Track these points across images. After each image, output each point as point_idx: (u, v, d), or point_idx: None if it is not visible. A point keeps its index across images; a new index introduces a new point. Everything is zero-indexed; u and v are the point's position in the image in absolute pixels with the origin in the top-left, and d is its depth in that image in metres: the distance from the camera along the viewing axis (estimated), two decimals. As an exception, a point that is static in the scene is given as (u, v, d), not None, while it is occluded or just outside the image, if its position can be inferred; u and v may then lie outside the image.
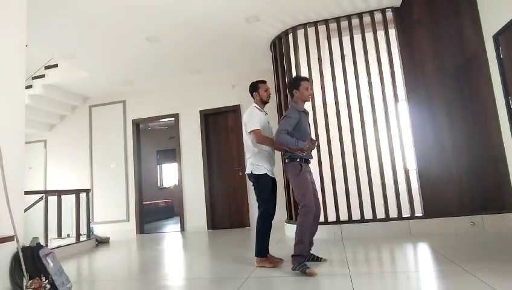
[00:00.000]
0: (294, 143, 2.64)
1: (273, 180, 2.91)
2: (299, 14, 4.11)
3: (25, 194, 2.46)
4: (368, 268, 2.52)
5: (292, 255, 2.55)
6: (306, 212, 2.59)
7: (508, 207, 3.58)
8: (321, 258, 2.79)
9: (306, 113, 2.88)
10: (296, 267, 2.48)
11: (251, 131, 2.81)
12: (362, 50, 4.16)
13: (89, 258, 3.97)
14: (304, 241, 2.55)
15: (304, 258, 2.53)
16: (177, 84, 6.23)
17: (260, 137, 2.79)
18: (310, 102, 4.19)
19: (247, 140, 2.91)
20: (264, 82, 3.05)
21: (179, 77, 5.98)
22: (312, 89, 4.19)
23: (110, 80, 5.86)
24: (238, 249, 3.79)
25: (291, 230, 4.22)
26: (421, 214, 3.79)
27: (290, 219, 4.37)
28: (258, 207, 2.83)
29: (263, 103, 3.00)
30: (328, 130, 4.09)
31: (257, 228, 2.80)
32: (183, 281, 2.67)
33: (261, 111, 2.96)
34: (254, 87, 3.02)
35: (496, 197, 3.63)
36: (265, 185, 2.82)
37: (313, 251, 2.81)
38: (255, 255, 2.80)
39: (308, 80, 2.97)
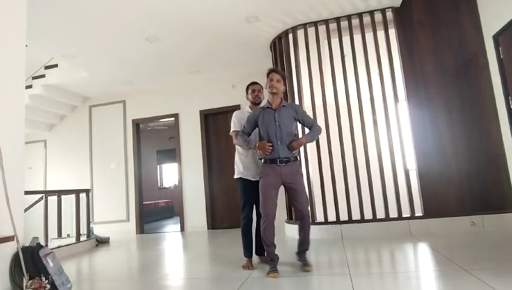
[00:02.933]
0: (242, 143, 2.74)
1: (254, 183, 2.80)
2: (299, 14, 4.11)
3: (25, 194, 2.45)
4: (367, 268, 2.52)
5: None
6: (265, 225, 2.56)
7: (508, 207, 3.58)
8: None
9: (274, 108, 2.66)
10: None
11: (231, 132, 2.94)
12: (362, 50, 4.16)
13: (89, 258, 3.97)
14: (267, 248, 2.59)
15: (272, 262, 2.56)
16: (177, 84, 6.23)
17: (234, 138, 2.89)
18: (310, 102, 4.23)
19: None
20: (253, 83, 3.06)
21: (179, 77, 5.98)
22: (312, 89, 4.23)
23: (110, 80, 5.86)
24: (238, 249, 3.79)
25: (291, 230, 4.22)
26: (421, 214, 3.79)
27: (290, 219, 4.36)
28: None
29: (253, 104, 3.00)
30: (328, 130, 4.09)
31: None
32: (183, 281, 2.67)
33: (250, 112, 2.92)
34: (246, 90, 3.08)
35: (496, 197, 3.63)
36: (240, 188, 2.87)
37: (312, 252, 2.82)
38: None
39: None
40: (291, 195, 2.65)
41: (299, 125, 3.09)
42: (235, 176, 2.92)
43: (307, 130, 2.82)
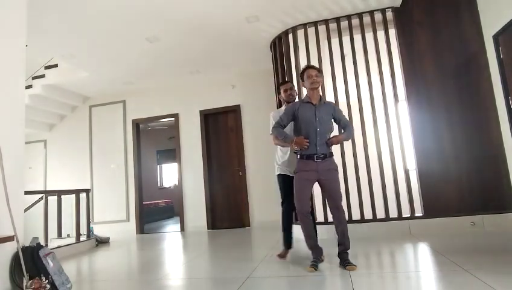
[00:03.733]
0: (278, 136, 2.72)
1: (292, 178, 2.88)
2: (299, 14, 4.11)
3: (25, 194, 2.46)
4: (367, 268, 2.52)
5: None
6: (299, 218, 2.64)
7: (508, 207, 3.58)
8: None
9: (314, 104, 2.65)
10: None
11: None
12: (362, 50, 4.16)
13: (89, 258, 3.97)
14: (306, 240, 2.66)
15: (315, 254, 2.61)
16: (177, 84, 6.23)
17: (273, 139, 2.91)
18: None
19: None
20: (284, 83, 3.12)
21: (179, 77, 5.98)
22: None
23: (110, 80, 5.86)
24: (238, 249, 3.79)
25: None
26: (421, 214, 3.79)
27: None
28: None
29: (288, 103, 3.04)
30: (328, 130, 4.08)
31: None
32: (183, 281, 2.67)
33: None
34: (277, 91, 3.09)
35: (496, 197, 3.63)
36: (279, 184, 3.03)
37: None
38: None
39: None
40: (325, 190, 2.70)
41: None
42: (276, 173, 3.04)
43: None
